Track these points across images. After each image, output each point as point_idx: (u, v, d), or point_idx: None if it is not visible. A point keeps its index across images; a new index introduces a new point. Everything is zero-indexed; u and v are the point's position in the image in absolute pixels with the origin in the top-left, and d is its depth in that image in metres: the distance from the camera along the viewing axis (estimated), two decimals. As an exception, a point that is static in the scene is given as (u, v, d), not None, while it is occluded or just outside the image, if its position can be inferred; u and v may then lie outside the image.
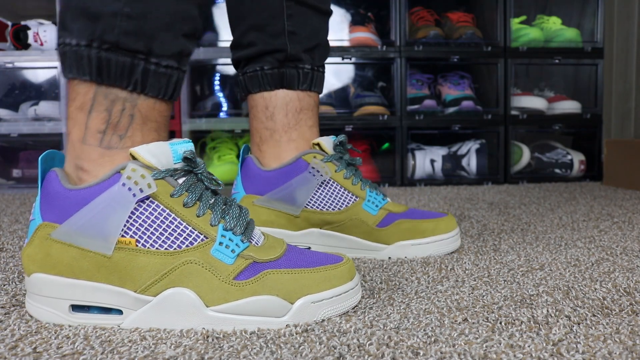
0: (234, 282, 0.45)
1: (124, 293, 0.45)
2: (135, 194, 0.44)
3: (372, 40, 1.67)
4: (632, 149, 1.44)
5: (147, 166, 0.45)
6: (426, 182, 1.67)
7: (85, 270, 0.45)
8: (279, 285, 0.45)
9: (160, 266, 0.45)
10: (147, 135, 0.48)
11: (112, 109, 0.47)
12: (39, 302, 0.46)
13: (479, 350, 0.39)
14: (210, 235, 0.46)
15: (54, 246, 0.46)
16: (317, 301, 0.46)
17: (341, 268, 0.48)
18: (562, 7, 1.87)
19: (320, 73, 0.75)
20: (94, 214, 0.45)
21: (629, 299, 0.50)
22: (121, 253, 0.45)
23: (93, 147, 0.47)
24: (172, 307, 0.45)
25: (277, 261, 0.47)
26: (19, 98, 1.67)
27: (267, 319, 0.45)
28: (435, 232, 0.68)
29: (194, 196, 0.46)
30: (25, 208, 1.20)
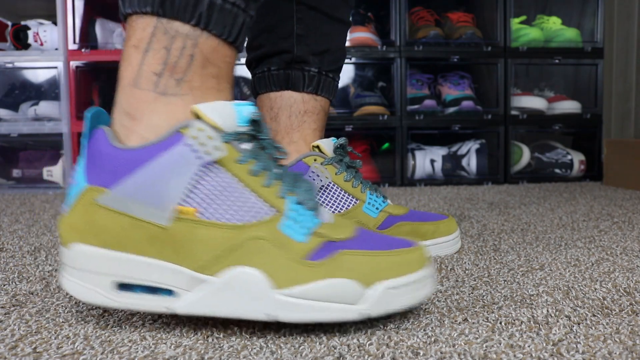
0: (305, 262, 0.40)
1: (179, 271, 0.40)
2: (201, 157, 0.39)
3: (372, 40, 1.67)
4: (632, 149, 1.45)
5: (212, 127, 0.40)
6: (426, 182, 1.67)
7: (136, 243, 0.40)
8: (356, 267, 0.40)
9: (223, 241, 0.39)
10: (206, 81, 0.43)
11: (171, 47, 0.42)
12: (78, 277, 0.41)
13: (479, 350, 0.39)
14: (279, 208, 0.41)
15: (100, 213, 0.40)
16: (394, 287, 0.41)
17: (418, 252, 0.43)
18: (562, 7, 1.87)
19: (329, 78, 0.75)
20: (151, 178, 0.39)
21: (629, 299, 0.50)
22: (179, 224, 0.39)
23: (146, 91, 0.42)
24: (235, 289, 0.39)
25: (350, 241, 0.42)
26: (19, 98, 1.67)
27: (340, 306, 0.40)
28: (436, 234, 0.68)
29: (261, 164, 0.42)
30: (25, 208, 1.20)
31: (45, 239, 0.83)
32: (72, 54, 1.61)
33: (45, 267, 0.64)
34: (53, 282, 0.58)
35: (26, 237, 0.84)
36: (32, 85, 1.72)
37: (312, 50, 0.73)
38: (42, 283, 0.57)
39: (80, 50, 1.61)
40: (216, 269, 0.39)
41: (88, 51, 1.61)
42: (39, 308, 0.49)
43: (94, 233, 0.41)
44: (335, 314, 0.40)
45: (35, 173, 1.63)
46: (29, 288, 0.55)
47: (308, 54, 0.73)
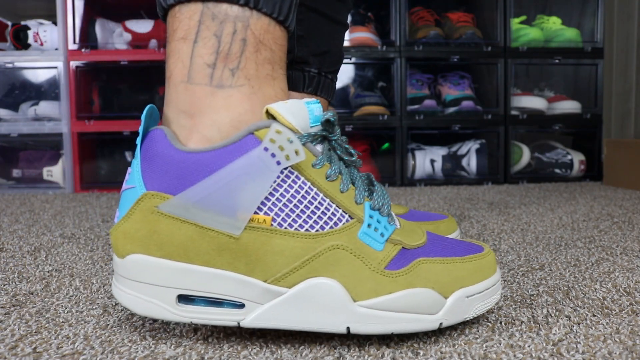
0: (385, 271, 0.38)
1: (251, 283, 0.37)
2: (280, 162, 0.36)
3: (372, 40, 1.67)
4: (632, 149, 1.44)
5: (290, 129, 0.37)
6: (426, 182, 1.67)
7: (203, 254, 0.37)
8: (434, 276, 0.39)
9: (301, 251, 0.37)
10: (261, 68, 0.40)
11: (222, 33, 0.39)
12: (137, 290, 0.39)
13: (479, 350, 0.39)
14: (356, 215, 0.39)
15: (163, 222, 0.37)
16: (470, 295, 0.40)
17: (489, 257, 0.42)
18: (562, 7, 1.87)
19: (328, 79, 0.75)
20: (226, 184, 0.36)
21: (629, 299, 0.50)
22: (252, 234, 0.37)
23: (201, 86, 0.39)
24: (312, 302, 0.37)
25: (425, 247, 0.41)
26: (19, 98, 1.67)
27: (420, 317, 0.38)
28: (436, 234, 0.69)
29: (336, 167, 0.39)
30: (25, 208, 1.20)
31: (45, 239, 0.83)
32: (72, 54, 1.61)
33: (45, 267, 0.64)
34: (53, 282, 0.58)
35: (26, 237, 0.84)
36: (32, 85, 1.72)
37: (313, 51, 0.73)
38: (42, 283, 0.57)
39: (80, 50, 1.61)
40: (293, 281, 0.38)
41: (88, 51, 1.61)
42: (39, 308, 0.49)
43: (156, 243, 0.38)
44: (414, 324, 0.39)
45: (35, 173, 1.63)
46: (29, 288, 0.55)
47: (308, 54, 0.73)
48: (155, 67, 1.64)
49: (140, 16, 1.70)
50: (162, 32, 1.65)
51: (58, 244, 0.79)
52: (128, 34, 1.63)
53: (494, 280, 0.42)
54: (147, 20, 1.67)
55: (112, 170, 1.71)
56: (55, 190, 1.61)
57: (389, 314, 0.38)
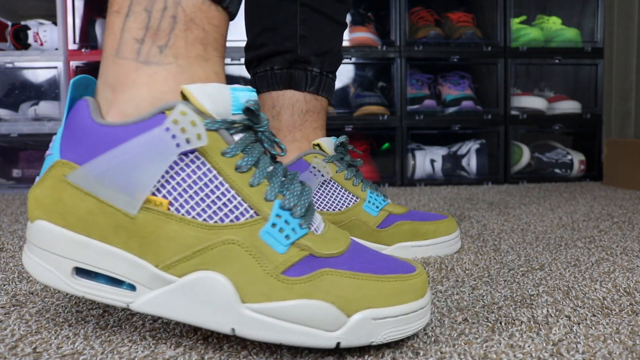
0: (281, 277, 0.36)
1: (142, 266, 0.36)
2: (180, 144, 0.36)
3: (372, 40, 1.67)
4: (632, 149, 1.45)
5: (199, 111, 0.36)
6: (426, 182, 1.67)
7: (101, 229, 0.37)
8: (337, 290, 0.36)
9: (194, 240, 0.36)
10: (191, 47, 0.39)
11: (152, 9, 0.39)
12: (39, 256, 0.38)
13: (479, 350, 0.39)
14: (262, 212, 0.37)
15: (69, 191, 0.37)
16: (379, 318, 0.36)
17: (414, 280, 0.38)
18: (562, 7, 1.87)
19: (329, 79, 0.76)
20: (124, 160, 0.36)
21: (629, 299, 0.50)
22: (148, 215, 0.36)
23: (129, 60, 0.39)
24: (199, 296, 0.36)
25: (338, 258, 0.38)
26: (19, 98, 1.67)
27: (315, 332, 0.35)
28: (436, 234, 0.69)
29: (251, 159, 0.38)
30: (25, 208, 1.20)
31: (45, 239, 0.83)
32: (72, 54, 1.61)
33: (45, 267, 0.64)
34: (53, 282, 0.58)
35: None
36: (32, 85, 1.72)
37: (315, 51, 0.74)
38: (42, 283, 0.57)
39: (80, 50, 1.61)
40: (182, 270, 0.36)
41: (88, 51, 1.61)
42: (39, 308, 0.49)
43: (60, 212, 0.37)
44: (307, 338, 0.35)
45: (35, 173, 1.63)
46: (29, 288, 0.55)
47: (310, 54, 0.73)
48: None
49: (140, 16, 1.70)
50: (162, 32, 1.65)
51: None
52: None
53: (416, 306, 0.38)
54: (147, 20, 1.67)
55: (112, 170, 1.71)
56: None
57: (279, 322, 0.35)
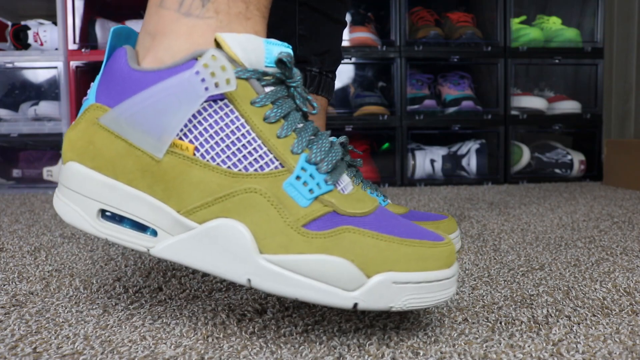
0: (302, 229, 0.35)
1: (165, 210, 0.37)
2: (209, 88, 0.35)
3: (372, 40, 1.67)
4: (632, 149, 1.45)
5: (231, 58, 0.36)
6: (426, 182, 1.67)
7: (128, 172, 0.37)
8: (358, 249, 0.35)
9: (216, 187, 0.36)
10: (233, 5, 0.39)
11: None
12: (67, 196, 0.39)
13: (479, 350, 0.39)
14: (287, 164, 0.37)
15: (100, 134, 0.38)
16: (400, 282, 0.35)
17: (440, 249, 0.37)
18: (562, 7, 1.87)
19: (328, 79, 0.75)
20: (153, 102, 0.36)
21: (629, 299, 0.50)
22: (173, 159, 0.36)
23: (171, 11, 0.39)
24: (217, 244, 0.36)
25: (363, 218, 0.37)
26: (19, 98, 1.67)
27: (332, 289, 0.34)
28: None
29: (280, 111, 0.38)
30: (25, 208, 1.20)
31: (45, 239, 0.83)
32: (72, 54, 1.61)
33: (45, 267, 0.64)
34: (53, 282, 0.58)
35: (26, 237, 0.84)
36: (32, 85, 1.72)
37: (314, 50, 0.73)
38: (42, 283, 0.57)
39: (80, 50, 1.61)
40: (203, 217, 0.36)
41: (88, 51, 1.61)
42: (39, 308, 0.49)
43: (90, 154, 0.38)
44: (323, 296, 0.35)
45: (35, 173, 1.63)
46: (29, 288, 0.55)
47: (310, 54, 0.73)
48: (155, 67, 1.64)
49: (140, 16, 1.70)
50: (162, 32, 1.65)
51: (58, 244, 0.79)
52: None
53: (440, 275, 0.36)
54: (147, 20, 1.67)
55: (112, 170, 1.71)
56: (55, 190, 1.61)
57: (296, 276, 0.34)
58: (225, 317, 0.46)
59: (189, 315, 0.47)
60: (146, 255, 0.70)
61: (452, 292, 0.38)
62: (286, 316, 0.46)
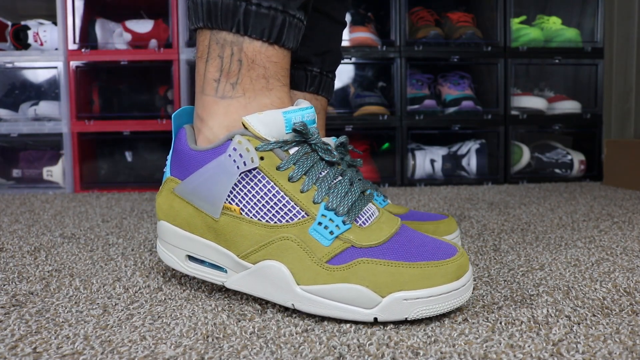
0: (326, 265, 0.44)
1: (229, 255, 0.48)
2: (239, 167, 0.46)
3: (372, 40, 1.67)
4: (632, 149, 1.44)
5: (255, 137, 0.46)
6: (426, 182, 1.67)
7: (199, 228, 0.49)
8: (371, 276, 0.43)
9: (259, 237, 0.46)
10: (255, 82, 0.49)
11: (224, 55, 0.49)
12: (164, 246, 0.53)
13: (479, 350, 0.39)
14: (311, 213, 0.46)
15: (176, 200, 0.51)
16: (410, 299, 0.43)
17: (446, 266, 0.44)
18: (562, 7, 1.87)
19: (329, 79, 0.75)
20: (205, 178, 0.48)
21: (629, 299, 0.50)
22: (227, 218, 0.48)
23: (210, 97, 0.50)
24: (267, 278, 0.46)
25: (377, 247, 0.45)
26: (19, 98, 1.67)
27: (354, 309, 0.44)
28: (436, 234, 0.68)
29: (301, 170, 0.46)
30: (25, 208, 1.20)
31: (45, 239, 0.83)
32: (72, 54, 1.60)
33: (45, 267, 0.64)
34: (53, 282, 0.58)
35: (26, 237, 0.84)
36: (32, 85, 1.72)
37: (315, 50, 0.73)
38: (42, 283, 0.57)
39: (80, 50, 1.61)
40: (255, 259, 0.47)
41: (88, 51, 1.61)
42: (39, 308, 0.49)
43: (172, 215, 0.51)
44: (348, 314, 0.44)
45: (35, 173, 1.63)
46: (29, 288, 0.55)
47: (311, 54, 0.73)
48: (155, 67, 1.64)
49: (140, 16, 1.70)
50: (162, 32, 1.65)
51: (58, 244, 0.79)
52: (128, 34, 1.63)
53: (446, 289, 0.44)
54: (147, 20, 1.67)
55: (112, 170, 1.71)
56: (55, 190, 1.61)
57: (325, 300, 0.44)
58: (225, 317, 0.46)
59: (189, 315, 0.47)
60: (146, 257, 0.70)
61: (465, 297, 0.45)
62: (286, 316, 0.46)
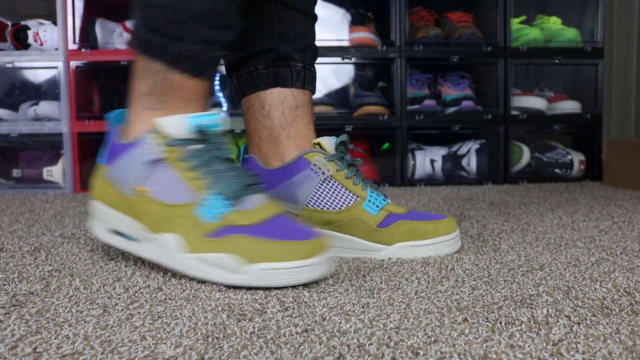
0: (206, 237, 0.55)
1: (141, 227, 0.59)
2: (148, 156, 0.57)
3: (372, 40, 1.67)
4: (632, 149, 1.45)
5: (164, 135, 0.57)
6: (426, 182, 1.67)
7: (120, 205, 0.60)
8: (242, 247, 0.54)
9: (162, 214, 0.57)
10: (178, 102, 0.60)
11: (156, 78, 0.59)
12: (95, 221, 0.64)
13: (479, 350, 0.39)
14: (201, 196, 0.56)
15: (105, 183, 0.61)
16: (269, 269, 0.53)
17: (303, 245, 0.54)
18: (562, 7, 1.87)
19: (311, 72, 0.78)
20: (123, 165, 0.59)
21: (629, 299, 0.50)
22: (140, 198, 0.58)
23: (140, 107, 0.60)
24: (165, 246, 0.57)
25: (251, 227, 0.55)
26: (19, 98, 1.67)
27: (226, 273, 0.54)
28: (436, 233, 0.68)
29: (197, 162, 0.56)
30: (25, 208, 1.20)
31: (45, 238, 0.83)
32: (72, 54, 1.60)
33: (45, 267, 0.64)
34: (53, 282, 0.58)
35: (26, 237, 0.84)
36: (32, 85, 1.72)
37: (295, 46, 0.76)
38: (42, 283, 0.57)
39: (80, 50, 1.61)
40: (159, 230, 0.57)
41: (88, 51, 1.61)
42: (39, 308, 0.49)
43: (102, 195, 0.62)
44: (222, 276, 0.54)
45: (35, 173, 1.63)
46: (29, 288, 0.55)
47: (292, 50, 0.75)
48: (155, 67, 1.63)
49: (140, 16, 1.69)
50: (162, 32, 1.65)
51: (58, 244, 0.79)
52: (128, 34, 1.63)
53: (299, 264, 0.53)
54: (147, 20, 1.66)
55: (112, 170, 1.71)
56: (55, 190, 1.61)
57: (202, 266, 0.55)
58: (225, 317, 0.46)
59: (189, 315, 0.47)
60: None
61: (321, 272, 0.55)
62: (286, 316, 0.46)
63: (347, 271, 0.62)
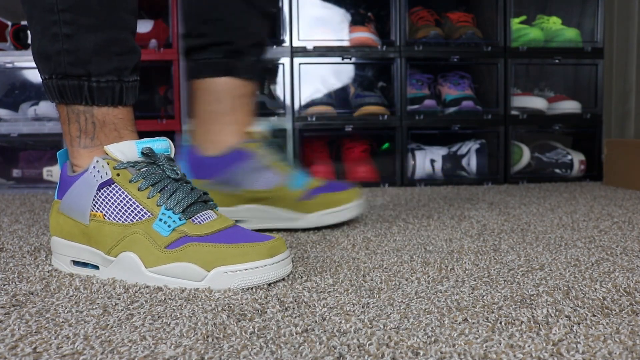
0: (164, 250, 0.56)
1: (98, 254, 0.60)
2: (98, 180, 0.59)
3: (372, 40, 1.67)
4: (632, 149, 1.45)
5: (112, 159, 0.59)
6: (426, 182, 1.67)
7: (76, 235, 0.61)
8: (198, 255, 0.55)
9: (117, 234, 0.58)
10: (108, 134, 0.63)
11: (80, 120, 0.62)
12: (55, 256, 0.64)
13: (479, 350, 0.39)
14: (154, 213, 0.58)
15: (61, 216, 0.63)
16: (230, 271, 0.54)
17: (261, 246, 0.56)
18: (562, 7, 1.87)
19: (260, 65, 0.88)
20: (75, 194, 0.61)
21: (629, 299, 0.50)
22: (94, 223, 0.59)
23: (76, 148, 0.63)
24: (125, 266, 0.58)
25: (205, 236, 0.57)
26: (19, 98, 1.67)
27: (188, 282, 0.55)
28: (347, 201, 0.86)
29: (148, 182, 0.59)
30: (25, 208, 1.20)
31: (45, 239, 0.83)
32: (72, 54, 1.60)
33: (45, 267, 0.64)
34: (53, 282, 0.58)
35: (26, 237, 0.85)
36: (32, 85, 1.72)
37: (250, 42, 0.85)
38: (42, 283, 0.57)
39: (80, 50, 1.60)
40: (115, 252, 0.58)
41: (88, 51, 1.61)
42: (39, 308, 0.49)
43: (59, 230, 0.63)
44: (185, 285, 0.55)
45: (35, 173, 1.63)
46: (29, 288, 0.55)
47: (246, 45, 0.84)
48: (155, 67, 1.64)
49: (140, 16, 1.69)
50: (162, 32, 1.65)
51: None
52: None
53: (260, 263, 0.55)
54: (147, 20, 1.67)
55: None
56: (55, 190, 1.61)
57: (167, 277, 0.56)
58: (225, 317, 0.46)
59: (189, 315, 0.47)
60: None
61: (280, 273, 0.57)
62: (286, 316, 0.47)
63: (347, 271, 0.62)
